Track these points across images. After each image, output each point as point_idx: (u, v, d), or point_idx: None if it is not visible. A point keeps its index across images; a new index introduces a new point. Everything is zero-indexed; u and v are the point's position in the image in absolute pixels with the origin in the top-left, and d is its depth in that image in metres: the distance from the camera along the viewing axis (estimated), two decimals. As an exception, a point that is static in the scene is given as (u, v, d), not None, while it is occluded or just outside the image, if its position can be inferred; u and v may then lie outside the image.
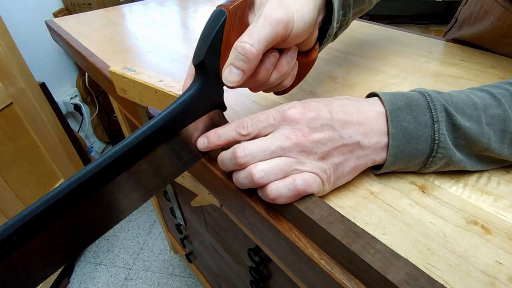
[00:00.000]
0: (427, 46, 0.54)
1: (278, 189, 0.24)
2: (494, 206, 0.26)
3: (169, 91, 0.33)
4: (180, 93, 0.32)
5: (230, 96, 0.42)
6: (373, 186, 0.28)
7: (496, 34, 0.48)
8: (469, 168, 0.28)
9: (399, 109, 0.26)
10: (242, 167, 0.25)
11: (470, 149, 0.27)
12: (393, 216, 0.25)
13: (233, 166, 0.26)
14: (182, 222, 0.86)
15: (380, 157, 0.27)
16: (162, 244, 1.38)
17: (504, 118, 0.26)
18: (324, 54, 0.52)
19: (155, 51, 0.57)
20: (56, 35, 0.71)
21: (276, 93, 0.34)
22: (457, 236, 0.23)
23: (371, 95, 0.30)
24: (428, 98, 0.27)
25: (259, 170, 0.24)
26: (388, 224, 0.25)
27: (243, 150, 0.25)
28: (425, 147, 0.26)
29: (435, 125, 0.26)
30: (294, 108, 0.26)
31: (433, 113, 0.26)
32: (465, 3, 0.56)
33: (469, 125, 0.26)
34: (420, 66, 0.48)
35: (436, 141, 0.26)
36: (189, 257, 1.05)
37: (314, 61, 0.33)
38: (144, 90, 0.36)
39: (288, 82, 0.31)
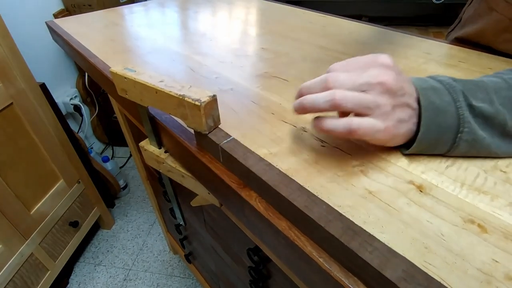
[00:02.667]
0: (425, 48, 0.55)
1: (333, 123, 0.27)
2: (491, 205, 0.26)
3: (170, 91, 0.33)
4: (181, 93, 0.32)
5: (229, 97, 0.43)
6: (371, 185, 0.28)
7: (498, 28, 0.49)
8: (494, 149, 0.29)
9: (425, 89, 0.28)
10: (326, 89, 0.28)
11: (490, 129, 0.28)
12: (391, 215, 0.25)
13: (320, 89, 0.28)
14: (182, 222, 0.86)
15: (415, 127, 0.29)
16: (162, 245, 1.38)
17: None
18: (323, 55, 0.53)
19: (156, 52, 0.58)
20: (57, 35, 0.72)
21: None
22: (454, 235, 0.24)
23: None
24: (445, 84, 0.29)
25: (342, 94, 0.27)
26: (386, 223, 0.25)
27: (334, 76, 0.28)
28: (453, 122, 0.28)
29: (457, 104, 0.28)
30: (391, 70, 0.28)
31: (453, 95, 0.28)
32: (470, 4, 0.57)
33: (483, 105, 0.28)
34: (419, 68, 0.48)
35: (461, 116, 0.28)
36: (189, 257, 1.05)
37: None
38: (144, 90, 0.36)
39: None
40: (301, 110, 0.29)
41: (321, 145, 0.33)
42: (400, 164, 0.30)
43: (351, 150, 0.32)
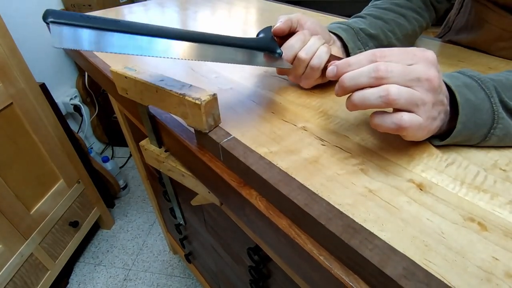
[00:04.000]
0: (425, 47, 0.54)
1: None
2: (491, 204, 0.26)
3: (170, 90, 0.33)
4: (181, 92, 0.33)
5: (230, 96, 0.43)
6: (371, 184, 0.28)
7: (491, 38, 0.50)
8: None
9: (459, 86, 0.29)
10: (377, 83, 0.26)
11: None
12: (391, 213, 0.26)
13: (368, 80, 0.27)
14: (182, 222, 0.86)
15: (441, 123, 0.29)
16: (162, 245, 1.38)
17: None
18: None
19: (156, 51, 0.58)
20: (57, 35, 0.71)
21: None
22: (454, 233, 0.24)
23: None
24: (476, 79, 0.29)
25: (396, 91, 0.25)
26: (386, 221, 0.25)
27: (386, 66, 0.26)
28: (488, 118, 0.28)
29: (492, 100, 0.28)
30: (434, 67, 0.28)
31: (487, 92, 0.28)
32: (458, 13, 0.58)
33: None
34: (418, 67, 0.48)
35: (496, 113, 0.28)
36: (189, 257, 1.05)
37: None
38: (145, 89, 0.36)
39: None
40: (351, 107, 0.28)
41: (321, 143, 0.33)
42: (400, 162, 0.30)
43: (351, 148, 0.32)
